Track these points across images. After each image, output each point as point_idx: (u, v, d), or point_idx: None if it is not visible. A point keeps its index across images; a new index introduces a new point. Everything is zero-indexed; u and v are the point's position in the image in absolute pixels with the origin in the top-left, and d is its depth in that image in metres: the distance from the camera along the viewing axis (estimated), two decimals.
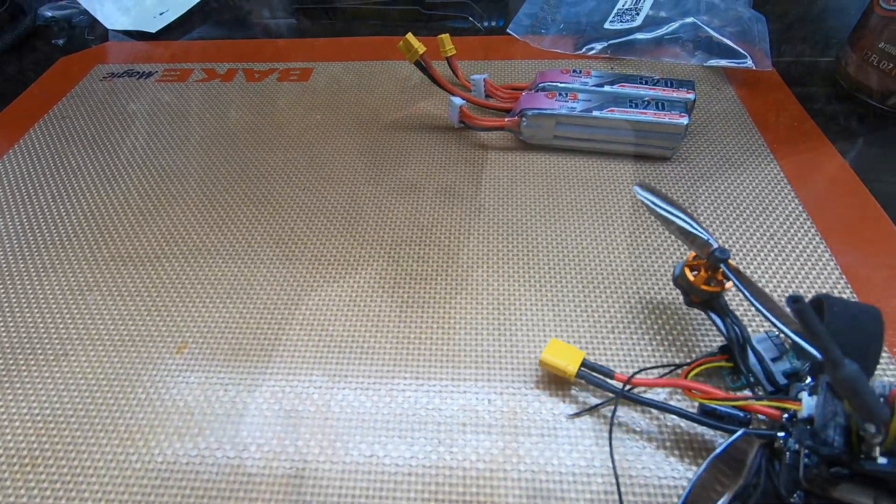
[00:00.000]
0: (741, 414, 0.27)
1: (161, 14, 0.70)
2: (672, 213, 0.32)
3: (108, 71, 0.62)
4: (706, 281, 0.30)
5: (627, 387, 0.29)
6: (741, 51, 0.53)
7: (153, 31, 0.68)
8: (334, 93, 0.56)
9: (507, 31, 0.62)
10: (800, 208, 0.42)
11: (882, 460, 0.21)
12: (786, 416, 0.26)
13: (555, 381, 0.31)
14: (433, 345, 0.34)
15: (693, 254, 0.32)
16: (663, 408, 0.28)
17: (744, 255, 0.39)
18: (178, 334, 0.35)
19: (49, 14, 0.70)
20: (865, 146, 0.48)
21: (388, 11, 0.68)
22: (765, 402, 0.26)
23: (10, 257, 0.41)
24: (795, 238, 0.39)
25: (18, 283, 0.39)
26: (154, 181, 0.47)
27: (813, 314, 0.19)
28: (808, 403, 0.25)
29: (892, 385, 0.22)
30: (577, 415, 0.30)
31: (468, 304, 0.36)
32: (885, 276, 0.37)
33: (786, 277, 0.37)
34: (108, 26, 0.69)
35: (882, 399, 0.21)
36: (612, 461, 0.28)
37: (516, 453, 0.29)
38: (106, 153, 0.50)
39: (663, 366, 0.32)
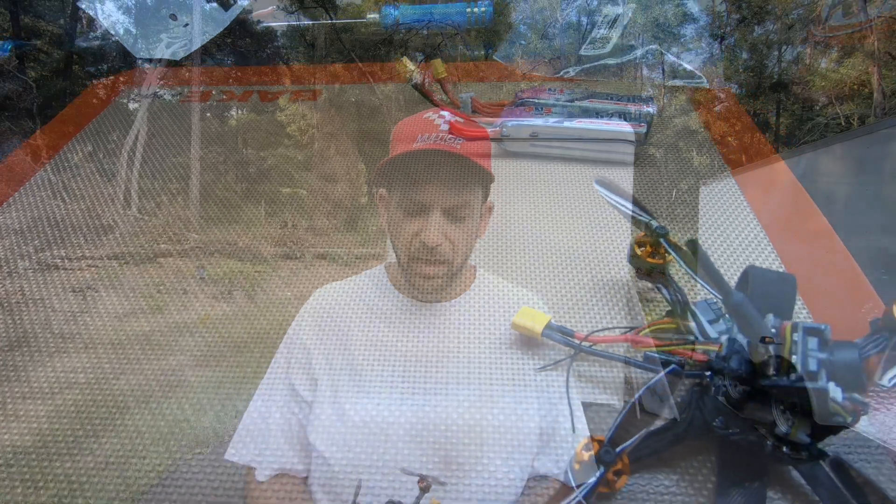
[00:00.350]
0: (675, 358, 0.32)
1: (184, 44, 0.77)
2: (622, 202, 0.38)
3: (136, 93, 0.69)
4: (651, 255, 0.36)
5: (586, 343, 0.35)
6: (698, 73, 0.60)
7: (177, 58, 0.76)
8: (339, 109, 0.63)
9: (493, 57, 0.70)
10: (745, 205, 0.48)
11: (774, 377, 0.26)
12: (713, 359, 0.31)
13: (526, 342, 0.37)
14: (418, 320, 0.39)
15: (642, 233, 0.38)
16: (614, 358, 0.34)
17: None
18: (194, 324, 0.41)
19: (83, 44, 0.78)
20: (806, 153, 0.55)
21: (389, 39, 0.76)
22: (690, 346, 0.31)
23: (25, 260, 0.47)
24: (738, 228, 0.45)
25: (56, 276, 0.45)
26: (178, 190, 0.53)
27: (703, 252, 0.25)
28: (726, 345, 0.31)
29: (783, 321, 0.27)
30: (543, 368, 0.35)
31: (455, 285, 0.41)
32: (822, 261, 0.43)
33: (733, 266, 0.42)
34: (136, 54, 0.77)
35: (774, 330, 0.27)
36: (569, 399, 0.33)
37: (491, 400, 0.34)
38: (133, 166, 0.56)
39: (617, 327, 0.37)
